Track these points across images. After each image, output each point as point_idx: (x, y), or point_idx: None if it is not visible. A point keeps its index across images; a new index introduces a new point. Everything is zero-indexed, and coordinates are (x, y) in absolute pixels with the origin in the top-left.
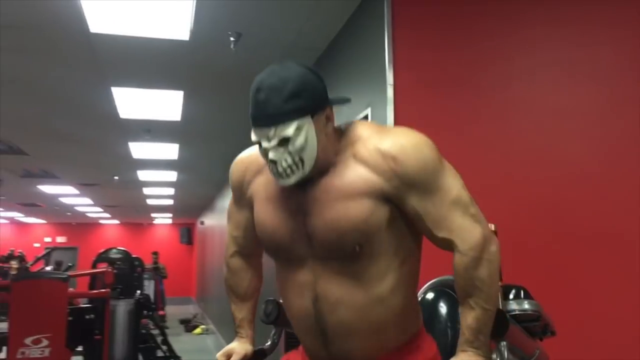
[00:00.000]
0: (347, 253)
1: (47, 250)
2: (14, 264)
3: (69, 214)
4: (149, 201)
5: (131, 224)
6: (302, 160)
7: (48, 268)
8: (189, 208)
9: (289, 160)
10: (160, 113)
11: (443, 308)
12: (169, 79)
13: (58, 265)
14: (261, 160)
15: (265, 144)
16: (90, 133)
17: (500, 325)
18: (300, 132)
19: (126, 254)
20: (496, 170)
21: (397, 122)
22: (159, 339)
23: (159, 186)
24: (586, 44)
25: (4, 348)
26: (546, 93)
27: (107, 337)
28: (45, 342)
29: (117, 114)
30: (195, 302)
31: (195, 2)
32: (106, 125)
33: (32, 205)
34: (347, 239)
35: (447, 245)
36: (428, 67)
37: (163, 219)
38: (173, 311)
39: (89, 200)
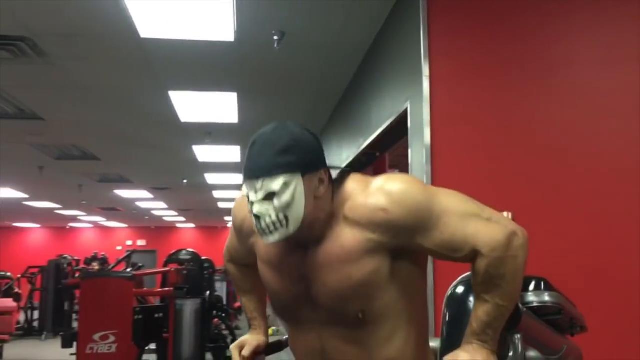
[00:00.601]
0: (352, 319)
1: (128, 253)
2: (96, 265)
3: (147, 217)
4: (220, 204)
5: (206, 228)
6: (286, 218)
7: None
8: None
9: (273, 216)
10: (218, 116)
11: (472, 303)
12: (220, 81)
13: (136, 267)
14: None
15: (252, 197)
16: (155, 137)
17: (512, 317)
18: (287, 188)
19: (195, 255)
20: (537, 160)
21: (433, 114)
22: (229, 339)
23: (227, 189)
24: (628, 25)
25: (75, 344)
26: (587, 78)
27: (172, 335)
28: (112, 339)
29: (177, 118)
30: (269, 304)
31: (235, 2)
32: (169, 129)
33: (111, 209)
34: (350, 305)
35: (472, 258)
36: (465, 57)
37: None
38: None
39: (163, 204)
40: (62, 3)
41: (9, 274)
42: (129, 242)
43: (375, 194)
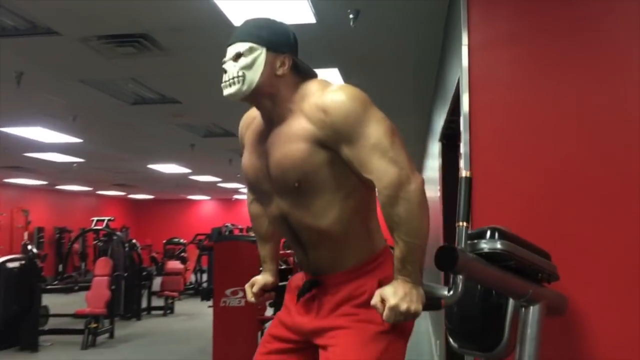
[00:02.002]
0: (291, 188)
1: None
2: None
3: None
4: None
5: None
6: (244, 76)
7: None
8: None
9: (235, 72)
10: None
11: None
12: (315, 63)
13: None
14: (252, 114)
15: (226, 59)
16: None
17: (448, 258)
18: (251, 53)
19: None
20: (577, 130)
21: (472, 81)
22: None
23: None
24: None
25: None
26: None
27: None
28: (241, 294)
29: None
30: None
31: None
32: None
33: None
34: (288, 176)
35: (373, 186)
36: (503, 24)
37: None
38: None
39: None
40: (167, 3)
41: (182, 240)
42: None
43: (325, 97)
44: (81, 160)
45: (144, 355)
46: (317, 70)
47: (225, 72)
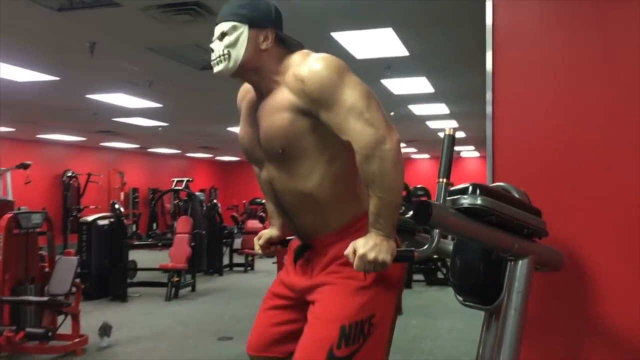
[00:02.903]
0: (277, 155)
1: None
2: None
3: None
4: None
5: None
6: (229, 54)
7: None
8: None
9: (221, 51)
10: (386, 50)
11: None
12: (376, 17)
13: None
14: (248, 86)
15: (213, 39)
16: None
17: (423, 213)
18: (234, 32)
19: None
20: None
21: (495, 38)
22: (439, 263)
23: (440, 119)
24: None
25: None
26: None
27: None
28: None
29: (353, 57)
30: None
31: None
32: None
33: None
34: (274, 143)
35: (351, 147)
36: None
37: (468, 152)
38: None
39: None
40: None
41: (263, 200)
42: None
43: (303, 67)
44: (165, 124)
45: (222, 307)
46: (374, 30)
47: (213, 51)
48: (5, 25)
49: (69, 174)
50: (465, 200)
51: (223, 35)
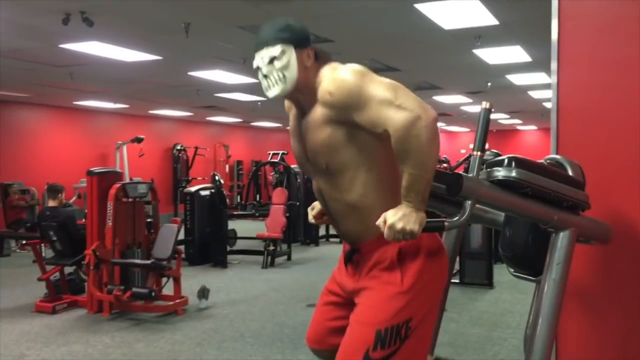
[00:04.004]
0: (323, 169)
1: (466, 157)
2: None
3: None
4: (547, 104)
5: (548, 129)
6: (284, 76)
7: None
8: None
9: (276, 75)
10: (473, 20)
11: None
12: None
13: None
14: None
15: (260, 64)
16: (428, 46)
17: (454, 184)
18: (284, 55)
19: (498, 155)
20: None
21: (561, 8)
22: None
23: (541, 89)
24: None
25: None
26: None
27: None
28: None
29: (440, 28)
30: None
31: None
32: (437, 38)
33: (442, 114)
34: (318, 159)
35: (388, 135)
36: None
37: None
38: None
39: None
40: None
41: None
42: (472, 146)
43: (330, 81)
44: (263, 98)
45: (314, 276)
46: (458, 1)
47: (266, 76)
48: (109, 6)
49: (178, 147)
50: (500, 173)
51: (272, 59)
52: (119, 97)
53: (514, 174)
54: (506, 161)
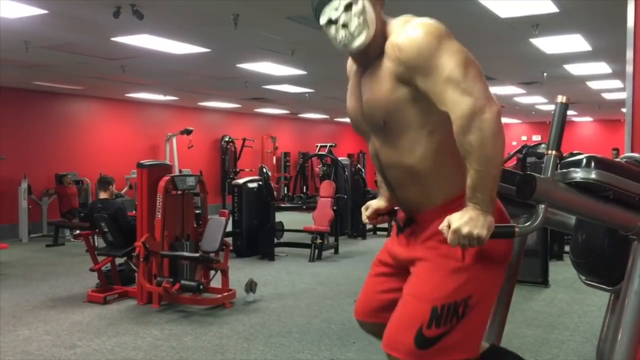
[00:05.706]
0: (380, 127)
1: (519, 149)
2: None
3: (533, 113)
4: (606, 95)
5: (602, 121)
6: (365, 22)
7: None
8: None
9: (356, 21)
10: (531, 7)
11: None
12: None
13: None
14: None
15: (333, 15)
16: (485, 36)
17: (526, 187)
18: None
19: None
20: None
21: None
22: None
23: (601, 79)
24: None
25: None
26: None
27: None
28: None
29: (496, 16)
30: None
31: None
32: (494, 27)
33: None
34: (376, 114)
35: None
36: None
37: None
38: None
39: (541, 99)
40: None
41: None
42: (524, 137)
43: (400, 35)
44: (311, 90)
45: (362, 270)
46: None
47: (345, 25)
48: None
49: (227, 139)
50: (577, 174)
51: (349, 6)
52: (169, 89)
53: (593, 175)
54: (584, 161)
